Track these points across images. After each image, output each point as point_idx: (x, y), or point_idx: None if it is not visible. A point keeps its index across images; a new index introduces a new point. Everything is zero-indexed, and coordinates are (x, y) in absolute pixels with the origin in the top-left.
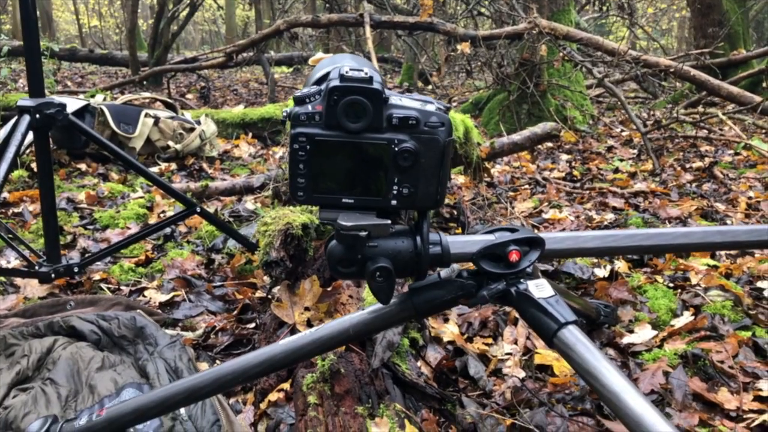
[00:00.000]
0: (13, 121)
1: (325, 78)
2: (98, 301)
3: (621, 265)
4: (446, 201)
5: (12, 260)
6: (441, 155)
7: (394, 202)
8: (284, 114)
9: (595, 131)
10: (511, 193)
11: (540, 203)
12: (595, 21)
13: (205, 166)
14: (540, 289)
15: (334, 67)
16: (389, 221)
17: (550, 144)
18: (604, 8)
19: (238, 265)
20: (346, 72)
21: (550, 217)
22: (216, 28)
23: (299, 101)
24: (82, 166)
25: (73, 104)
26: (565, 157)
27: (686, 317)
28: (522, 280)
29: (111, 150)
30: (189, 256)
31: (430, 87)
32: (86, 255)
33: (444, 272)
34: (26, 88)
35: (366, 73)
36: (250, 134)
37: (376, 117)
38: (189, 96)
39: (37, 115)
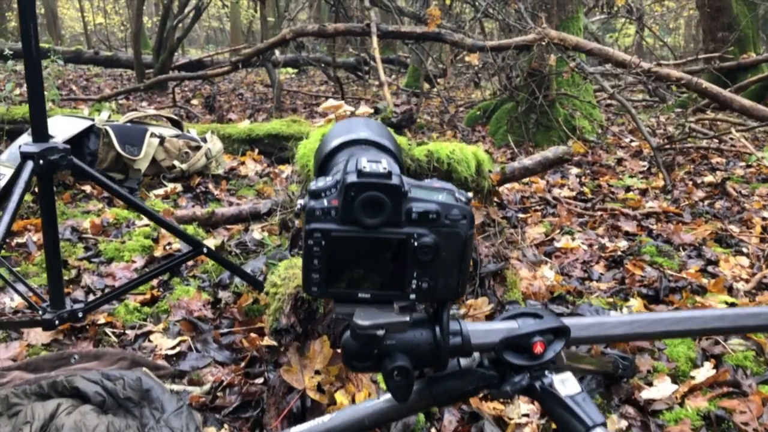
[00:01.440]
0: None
1: (337, 150)
2: (103, 356)
3: (636, 304)
4: None
5: (15, 298)
6: (462, 248)
7: (412, 296)
8: (298, 206)
9: (604, 141)
10: (522, 215)
11: (551, 228)
12: (603, 23)
13: (211, 186)
14: (566, 385)
15: (350, 157)
16: (408, 318)
17: None
18: (613, 11)
19: (245, 305)
20: (364, 167)
21: (563, 246)
22: (221, 25)
23: (314, 195)
24: (87, 188)
25: (78, 124)
26: (575, 171)
27: (707, 369)
28: (547, 373)
29: (113, 191)
30: (195, 295)
31: (435, 90)
32: (90, 298)
33: (465, 361)
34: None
35: (385, 168)
36: (257, 150)
37: (394, 212)
38: (194, 102)
39: (41, 161)
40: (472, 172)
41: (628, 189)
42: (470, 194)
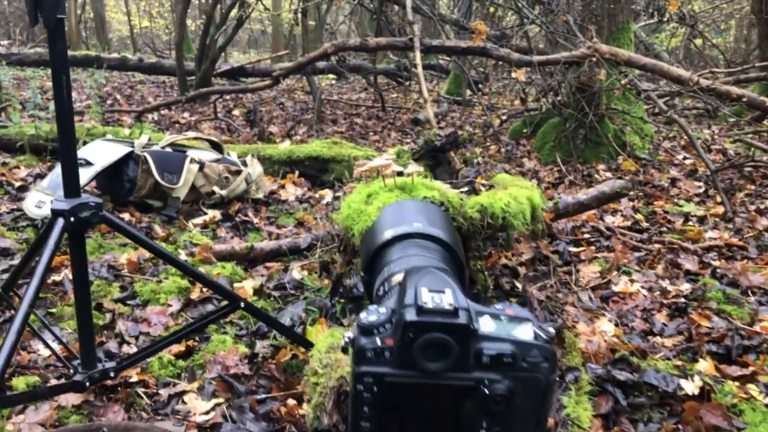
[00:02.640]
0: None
1: (389, 245)
2: (133, 429)
3: (707, 365)
4: (506, 284)
5: (42, 349)
6: (542, 396)
7: None
8: (345, 341)
9: (656, 158)
10: (573, 249)
11: (607, 266)
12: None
13: (250, 214)
14: None
15: (407, 276)
16: None
17: (609, 175)
18: (664, 18)
19: (283, 360)
20: (425, 303)
21: (621, 290)
22: (263, 27)
23: (365, 331)
24: (126, 216)
25: (117, 151)
26: None
27: None
28: None
29: (148, 245)
30: (232, 348)
31: (476, 98)
32: (123, 348)
33: None
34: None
35: (450, 304)
36: (297, 173)
37: (461, 355)
38: (235, 112)
39: (72, 219)
40: (528, 221)
41: (686, 218)
42: (552, 329)
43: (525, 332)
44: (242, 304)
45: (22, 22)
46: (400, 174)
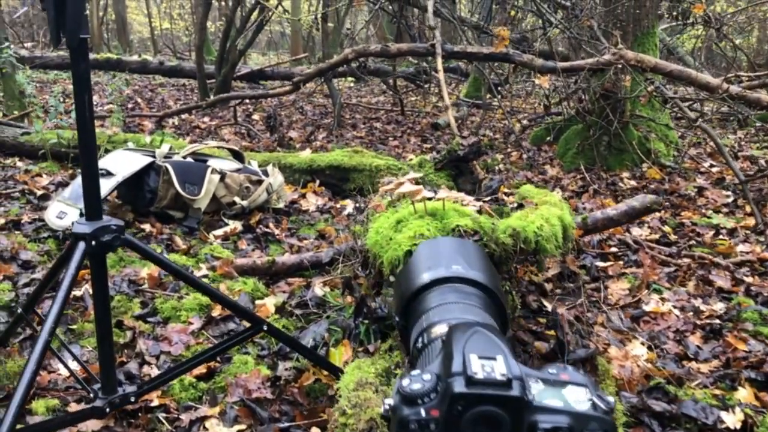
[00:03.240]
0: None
1: (426, 289)
2: None
3: (746, 394)
4: (534, 302)
5: (62, 368)
6: None
7: None
8: (386, 408)
9: (681, 166)
10: (600, 264)
11: (636, 282)
12: (672, 30)
13: (272, 225)
14: None
15: (455, 349)
16: None
17: (634, 183)
18: (689, 21)
19: (306, 384)
20: (475, 373)
21: (652, 310)
22: (282, 29)
23: (408, 400)
24: (146, 227)
25: (138, 161)
26: None
27: None
28: None
29: (171, 269)
30: (254, 371)
31: (496, 101)
32: (144, 369)
33: None
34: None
35: (503, 374)
36: (318, 182)
37: (514, 429)
38: (255, 117)
39: (93, 242)
40: (560, 244)
41: (716, 231)
42: (611, 399)
43: (582, 401)
44: (265, 327)
45: (45, 25)
46: (428, 199)
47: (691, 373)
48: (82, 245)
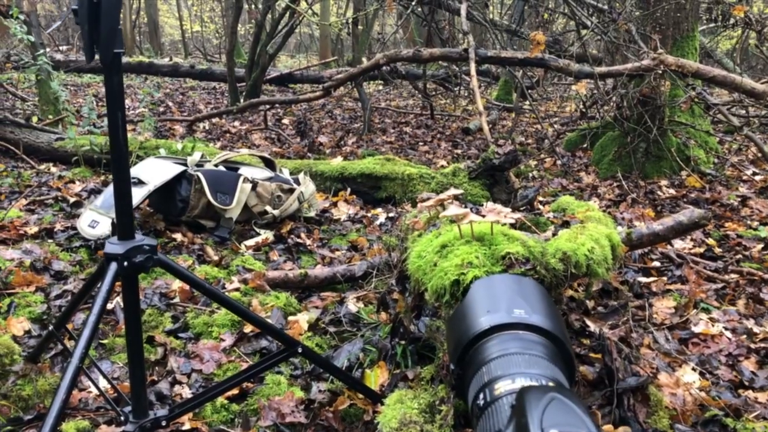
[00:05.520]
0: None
1: (485, 335)
2: None
3: None
4: (576, 321)
5: (93, 387)
6: None
7: None
8: None
9: (722, 173)
10: (643, 279)
11: (683, 300)
12: (708, 31)
13: (303, 235)
14: None
15: (531, 422)
16: None
17: (673, 192)
18: (730, 22)
19: (341, 409)
20: None
21: (702, 332)
22: (310, 31)
23: None
24: (178, 236)
25: (170, 170)
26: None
27: None
28: None
29: (204, 289)
30: (287, 393)
31: (528, 104)
32: (175, 388)
33: None
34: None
35: None
36: (349, 190)
37: None
38: (285, 121)
39: (125, 263)
40: (611, 265)
41: (765, 244)
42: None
43: None
44: (300, 350)
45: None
46: (471, 222)
47: (748, 402)
48: (114, 266)
